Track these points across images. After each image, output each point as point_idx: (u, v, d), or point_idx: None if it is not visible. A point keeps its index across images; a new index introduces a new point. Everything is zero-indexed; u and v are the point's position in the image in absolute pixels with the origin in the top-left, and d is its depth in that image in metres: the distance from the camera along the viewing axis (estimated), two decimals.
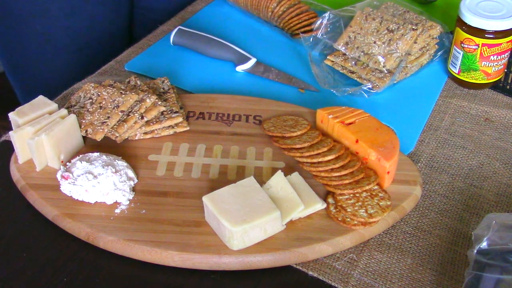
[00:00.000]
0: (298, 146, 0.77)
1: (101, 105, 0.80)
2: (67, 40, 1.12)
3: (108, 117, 0.79)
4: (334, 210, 0.70)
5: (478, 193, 0.76)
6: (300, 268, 0.67)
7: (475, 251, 0.62)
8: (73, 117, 0.76)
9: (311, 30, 1.00)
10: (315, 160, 0.75)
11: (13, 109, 0.77)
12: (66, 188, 0.71)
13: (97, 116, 0.79)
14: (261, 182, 0.71)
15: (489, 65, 0.89)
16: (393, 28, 0.93)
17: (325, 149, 0.76)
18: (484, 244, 0.62)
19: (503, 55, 0.89)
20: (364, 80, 0.92)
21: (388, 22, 0.94)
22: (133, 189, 0.73)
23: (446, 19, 1.00)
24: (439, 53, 0.96)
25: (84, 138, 0.79)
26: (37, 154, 0.74)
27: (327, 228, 0.69)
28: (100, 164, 0.72)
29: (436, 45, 0.96)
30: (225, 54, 0.97)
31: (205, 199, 0.67)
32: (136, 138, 0.80)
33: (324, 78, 0.93)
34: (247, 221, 0.65)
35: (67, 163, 0.75)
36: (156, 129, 0.81)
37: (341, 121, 0.77)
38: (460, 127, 0.86)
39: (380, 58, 0.91)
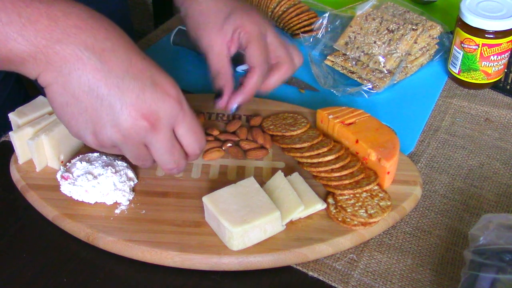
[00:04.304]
0: (298, 146, 0.77)
1: None
2: None
3: None
4: (334, 211, 0.70)
5: (478, 193, 0.76)
6: (300, 269, 0.67)
7: (471, 251, 0.62)
8: None
9: (311, 30, 1.00)
10: (315, 160, 0.75)
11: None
12: (66, 188, 0.71)
13: None
14: (261, 182, 0.71)
15: (489, 65, 0.89)
16: (393, 28, 0.93)
17: (325, 149, 0.76)
18: (480, 244, 0.62)
19: (503, 55, 0.89)
20: (364, 80, 0.92)
21: (388, 22, 0.94)
22: (133, 189, 0.73)
23: (446, 19, 1.00)
24: (439, 53, 0.96)
25: None
26: (37, 155, 0.74)
27: (327, 229, 0.69)
28: (100, 164, 0.72)
29: (436, 45, 0.96)
30: None
31: (205, 199, 0.67)
32: None
33: (324, 78, 0.93)
34: (247, 222, 0.65)
35: (67, 163, 0.75)
36: None
37: (341, 121, 0.77)
38: (460, 127, 0.86)
39: (380, 58, 0.91)
